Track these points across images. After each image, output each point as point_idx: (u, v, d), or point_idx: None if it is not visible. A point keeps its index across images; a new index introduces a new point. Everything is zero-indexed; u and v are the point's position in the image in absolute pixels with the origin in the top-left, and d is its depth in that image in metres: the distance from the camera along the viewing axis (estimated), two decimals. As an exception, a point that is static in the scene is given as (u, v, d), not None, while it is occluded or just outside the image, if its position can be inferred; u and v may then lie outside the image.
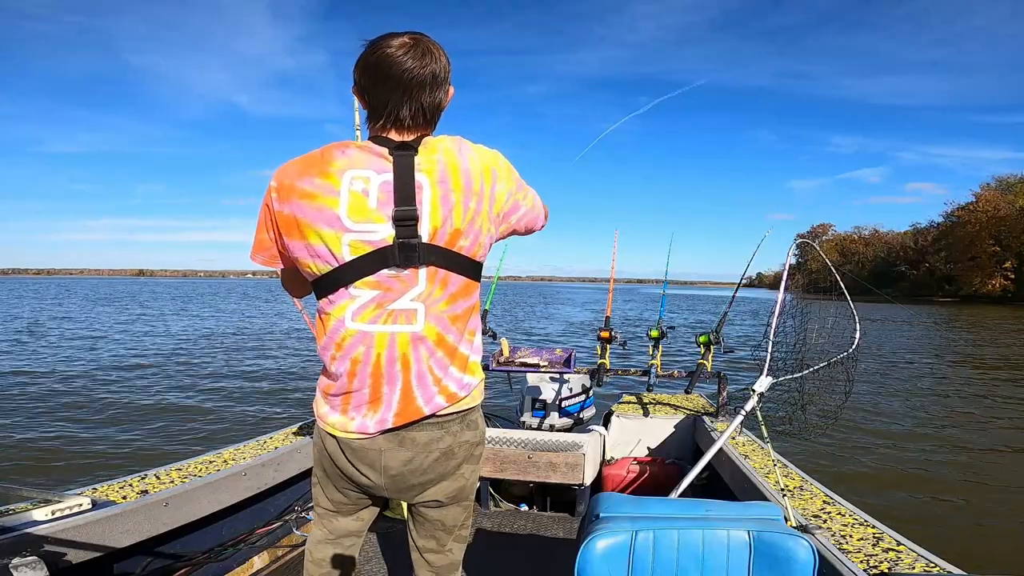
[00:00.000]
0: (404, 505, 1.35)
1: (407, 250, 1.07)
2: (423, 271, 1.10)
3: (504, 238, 1.24)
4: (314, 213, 1.07)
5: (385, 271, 1.08)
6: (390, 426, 1.16)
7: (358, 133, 1.56)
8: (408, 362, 1.13)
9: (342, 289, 1.10)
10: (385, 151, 1.09)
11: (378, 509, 1.39)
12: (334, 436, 1.19)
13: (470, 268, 1.14)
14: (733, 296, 3.69)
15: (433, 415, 1.18)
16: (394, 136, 1.11)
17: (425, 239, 1.08)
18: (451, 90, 1.15)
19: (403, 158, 1.08)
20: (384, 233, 1.07)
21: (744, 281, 2.38)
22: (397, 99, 1.09)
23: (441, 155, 1.10)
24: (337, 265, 1.08)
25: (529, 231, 1.31)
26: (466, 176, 1.10)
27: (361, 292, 1.09)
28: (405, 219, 1.06)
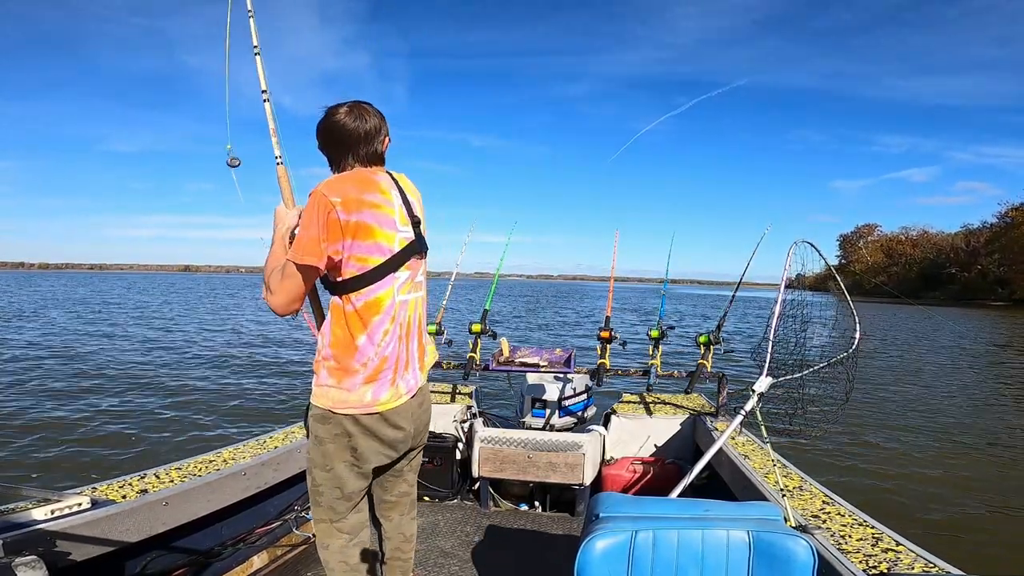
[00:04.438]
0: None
1: (422, 243, 1.60)
2: (424, 256, 1.62)
3: None
4: (382, 218, 1.49)
5: (413, 258, 1.56)
6: (420, 378, 1.62)
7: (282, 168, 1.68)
8: (420, 318, 1.63)
9: (391, 275, 1.50)
10: (390, 179, 1.57)
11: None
12: (378, 413, 1.51)
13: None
14: (732, 296, 3.69)
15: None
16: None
17: (423, 236, 1.61)
18: (386, 140, 1.60)
19: (398, 184, 1.58)
20: (411, 233, 1.56)
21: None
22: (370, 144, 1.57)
23: (411, 185, 1.64)
24: (391, 256, 1.50)
25: None
26: (419, 198, 1.66)
27: (402, 274, 1.54)
28: (417, 223, 1.59)
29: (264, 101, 1.63)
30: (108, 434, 6.13)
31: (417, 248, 1.56)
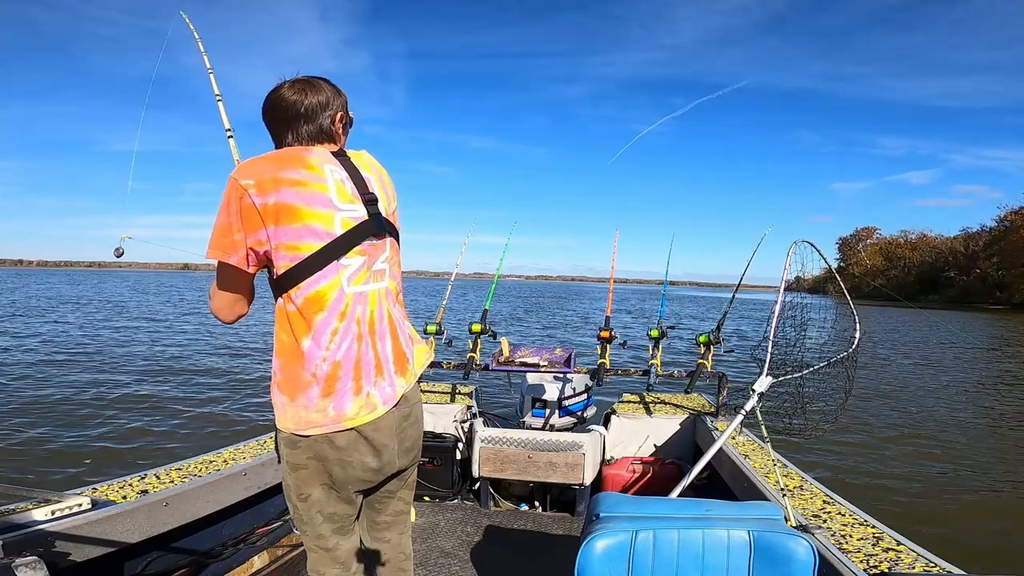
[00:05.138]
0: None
1: (380, 223, 1.35)
2: (388, 239, 1.38)
3: None
4: (309, 197, 1.25)
5: (368, 240, 1.32)
6: (399, 385, 1.35)
7: (234, 152, 1.80)
8: (389, 315, 1.37)
9: (334, 262, 1.27)
10: (329, 154, 1.34)
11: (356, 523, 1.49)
12: (352, 429, 1.28)
13: (399, 241, 1.45)
14: (732, 296, 3.69)
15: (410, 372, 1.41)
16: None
17: (383, 215, 1.37)
18: (339, 116, 1.40)
19: (346, 160, 1.36)
20: (362, 212, 1.32)
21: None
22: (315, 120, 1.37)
23: (369, 161, 1.42)
24: (331, 240, 1.26)
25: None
26: (383, 176, 1.43)
27: (352, 260, 1.30)
28: (372, 201, 1.34)
29: (229, 138, 1.80)
30: (109, 434, 6.13)
31: (373, 228, 1.32)
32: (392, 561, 1.55)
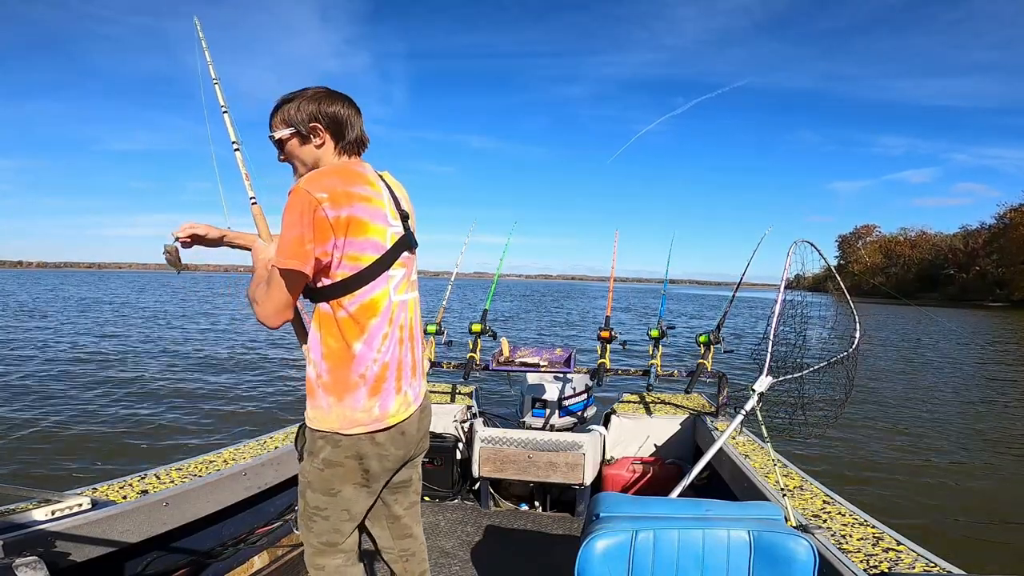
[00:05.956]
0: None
1: (412, 238, 1.48)
2: (416, 253, 1.52)
3: None
4: (373, 212, 1.37)
5: (405, 253, 1.44)
6: (423, 385, 1.53)
7: (238, 155, 1.70)
8: (419, 320, 1.53)
9: (384, 273, 1.38)
10: (375, 172, 1.49)
11: None
12: (393, 426, 1.40)
13: None
14: (732, 296, 3.69)
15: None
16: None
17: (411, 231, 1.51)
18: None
19: (383, 179, 1.50)
20: (400, 227, 1.45)
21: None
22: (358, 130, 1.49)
23: (393, 181, 1.55)
24: (384, 252, 1.37)
25: None
26: (406, 195, 1.57)
27: (397, 271, 1.42)
28: (406, 217, 1.49)
29: (235, 151, 1.71)
30: (108, 434, 6.13)
31: (408, 243, 1.45)
32: (418, 553, 1.65)
